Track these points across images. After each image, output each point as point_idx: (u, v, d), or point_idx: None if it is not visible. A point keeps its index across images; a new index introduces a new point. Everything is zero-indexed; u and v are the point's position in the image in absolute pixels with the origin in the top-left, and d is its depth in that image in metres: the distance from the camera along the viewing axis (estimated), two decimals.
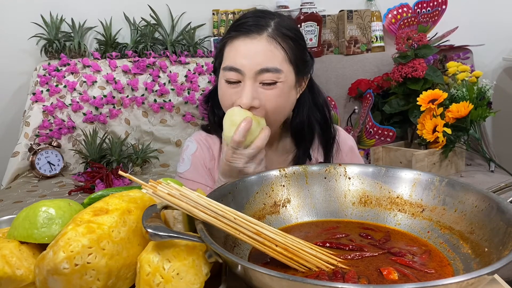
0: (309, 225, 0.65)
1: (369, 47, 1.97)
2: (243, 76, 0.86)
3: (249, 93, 0.85)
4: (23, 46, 1.89)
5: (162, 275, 0.44)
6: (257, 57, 0.85)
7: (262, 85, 0.86)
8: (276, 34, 0.87)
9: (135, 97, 1.80)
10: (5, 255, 0.48)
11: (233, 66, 0.86)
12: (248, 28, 0.87)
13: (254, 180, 0.67)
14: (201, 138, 1.04)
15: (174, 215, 0.54)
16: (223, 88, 0.90)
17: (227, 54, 0.89)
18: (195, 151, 1.01)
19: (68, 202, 0.55)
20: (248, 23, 0.88)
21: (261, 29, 0.87)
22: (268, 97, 0.87)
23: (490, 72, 2.15)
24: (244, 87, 0.86)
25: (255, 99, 0.85)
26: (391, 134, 1.71)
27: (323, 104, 1.01)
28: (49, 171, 1.69)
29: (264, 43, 0.86)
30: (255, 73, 0.85)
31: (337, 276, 0.49)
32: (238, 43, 0.87)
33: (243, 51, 0.86)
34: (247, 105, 0.84)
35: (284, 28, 0.89)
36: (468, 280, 0.38)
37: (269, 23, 0.88)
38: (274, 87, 0.87)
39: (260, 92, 0.87)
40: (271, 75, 0.85)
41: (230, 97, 0.88)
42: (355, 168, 0.69)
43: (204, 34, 1.97)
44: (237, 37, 0.88)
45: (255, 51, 0.86)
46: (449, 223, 0.59)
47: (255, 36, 0.86)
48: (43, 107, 1.75)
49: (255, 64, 0.85)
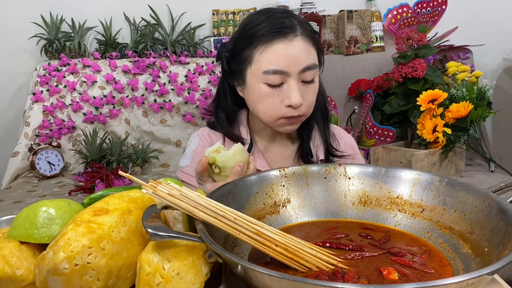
0: (309, 225, 0.65)
1: (369, 47, 1.97)
2: (287, 77, 0.89)
3: (297, 92, 0.89)
4: (23, 46, 1.89)
5: (162, 275, 0.44)
6: (299, 57, 0.88)
7: (303, 83, 0.91)
8: (305, 32, 0.91)
9: (135, 97, 1.80)
10: (5, 255, 0.48)
11: (277, 69, 0.88)
12: (282, 30, 0.89)
13: (254, 180, 0.67)
14: (204, 134, 1.06)
15: (174, 215, 0.54)
16: (265, 91, 0.91)
17: (264, 58, 0.89)
18: (196, 147, 1.04)
19: (68, 202, 0.55)
20: (277, 25, 0.89)
21: (293, 29, 0.89)
22: (309, 94, 0.92)
23: (490, 72, 2.15)
24: (290, 88, 0.89)
25: (301, 97, 0.90)
26: (391, 134, 1.71)
27: (323, 95, 1.05)
28: (49, 171, 1.69)
29: (301, 42, 0.89)
30: (299, 72, 0.89)
31: (337, 276, 0.49)
32: (278, 47, 0.88)
33: (285, 53, 0.88)
34: (299, 104, 0.89)
35: (306, 24, 0.93)
36: (468, 280, 0.38)
37: (294, 22, 0.91)
38: (313, 84, 0.92)
39: (303, 90, 0.91)
40: (312, 72, 0.90)
41: (275, 99, 0.91)
42: (355, 168, 0.70)
43: (204, 34, 1.97)
44: (273, 41, 0.88)
45: (296, 51, 0.88)
46: (449, 223, 0.59)
47: (292, 37, 0.89)
48: (43, 107, 1.75)
49: (298, 63, 0.88)
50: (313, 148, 1.03)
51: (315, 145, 1.03)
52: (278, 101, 0.90)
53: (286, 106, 0.90)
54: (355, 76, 1.91)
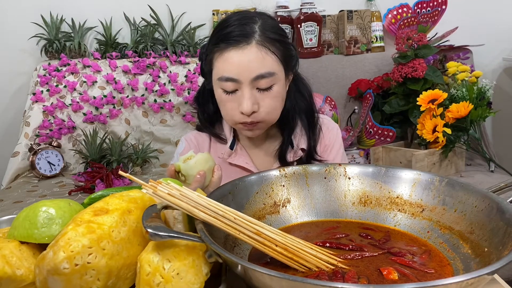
0: (309, 225, 0.65)
1: (369, 47, 1.97)
2: (240, 84, 0.89)
3: (249, 100, 0.89)
4: (23, 46, 1.89)
5: (162, 275, 0.44)
6: (250, 65, 0.88)
7: (259, 91, 0.91)
8: (263, 40, 0.89)
9: (135, 97, 1.80)
10: (5, 255, 0.48)
11: (229, 76, 0.89)
12: (236, 39, 0.88)
13: (254, 180, 0.67)
14: (191, 137, 1.09)
15: (174, 215, 0.54)
16: (221, 97, 0.93)
17: (219, 65, 0.91)
18: (182, 150, 1.07)
19: (68, 202, 0.55)
20: (234, 32, 0.89)
21: (248, 37, 0.89)
22: (266, 100, 0.92)
23: (490, 72, 2.15)
24: (243, 95, 0.90)
25: (254, 105, 0.90)
26: (391, 134, 1.71)
27: (307, 92, 1.05)
28: (49, 171, 1.69)
29: (255, 51, 0.88)
30: (251, 81, 0.89)
31: (337, 276, 0.49)
32: (230, 55, 0.89)
33: (236, 62, 0.88)
34: (249, 112, 0.89)
35: (269, 31, 0.91)
36: (468, 280, 0.38)
37: (254, 28, 0.90)
38: (270, 90, 0.91)
39: (258, 97, 0.91)
40: (267, 80, 0.89)
41: (230, 105, 0.92)
42: (355, 168, 0.70)
43: (204, 34, 1.96)
44: (227, 49, 0.89)
45: (247, 60, 0.88)
46: (449, 223, 0.59)
47: (244, 46, 0.88)
48: (43, 107, 1.75)
49: (249, 72, 0.88)
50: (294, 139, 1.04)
51: (296, 136, 1.04)
52: (234, 106, 0.92)
53: (240, 113, 0.91)
54: (355, 76, 1.91)
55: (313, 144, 1.04)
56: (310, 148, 1.04)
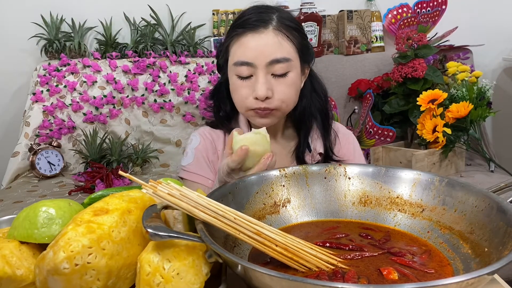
0: (309, 225, 0.65)
1: (369, 47, 1.97)
2: (255, 69, 0.89)
3: (263, 84, 0.89)
4: (23, 46, 1.89)
5: (162, 275, 0.44)
6: (266, 49, 0.88)
7: (274, 77, 0.90)
8: (280, 26, 0.90)
9: (135, 97, 1.80)
10: (5, 255, 0.48)
11: (244, 61, 0.89)
12: (254, 24, 0.90)
13: (254, 180, 0.67)
14: (205, 132, 1.07)
15: (174, 215, 0.54)
16: (236, 83, 0.93)
17: (235, 51, 0.92)
18: (198, 145, 1.05)
19: (68, 202, 0.55)
20: (252, 19, 0.91)
21: (266, 23, 0.90)
22: (281, 87, 0.91)
23: (490, 72, 2.15)
24: (257, 80, 0.89)
25: (269, 90, 0.89)
26: (391, 134, 1.71)
27: (323, 92, 1.05)
28: (49, 171, 1.69)
29: (272, 36, 0.89)
30: (266, 65, 0.88)
31: (337, 276, 0.49)
32: (247, 39, 0.90)
33: (253, 45, 0.89)
34: (263, 96, 0.88)
35: (286, 20, 0.93)
36: (468, 280, 0.38)
37: (271, 16, 0.92)
38: (286, 77, 0.91)
39: (273, 83, 0.90)
40: (282, 66, 0.89)
41: (244, 91, 0.91)
42: (355, 168, 0.70)
43: (204, 34, 1.96)
44: (244, 34, 0.90)
45: (264, 43, 0.89)
46: (449, 223, 0.59)
47: (262, 30, 0.89)
48: (43, 107, 1.75)
49: (265, 56, 0.88)
50: (311, 142, 1.03)
51: (313, 138, 1.04)
52: (248, 92, 0.91)
53: (254, 98, 0.91)
54: (355, 76, 1.91)
55: (329, 145, 1.03)
56: (327, 149, 1.03)
